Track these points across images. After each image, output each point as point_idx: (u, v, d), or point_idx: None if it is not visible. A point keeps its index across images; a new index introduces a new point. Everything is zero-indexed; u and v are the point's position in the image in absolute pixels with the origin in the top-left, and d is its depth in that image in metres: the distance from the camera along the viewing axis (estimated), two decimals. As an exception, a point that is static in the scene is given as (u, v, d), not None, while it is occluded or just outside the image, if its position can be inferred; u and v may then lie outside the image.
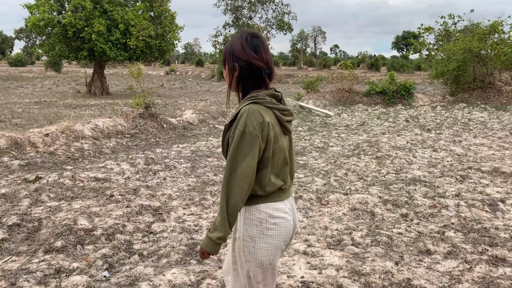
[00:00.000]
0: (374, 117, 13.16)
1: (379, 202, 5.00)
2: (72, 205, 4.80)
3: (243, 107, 1.78)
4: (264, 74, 1.84)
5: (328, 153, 7.82)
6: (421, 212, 4.73)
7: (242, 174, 1.73)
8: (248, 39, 1.85)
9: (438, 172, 6.42)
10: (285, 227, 1.89)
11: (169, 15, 21.12)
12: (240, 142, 1.73)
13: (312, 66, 66.92)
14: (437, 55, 17.49)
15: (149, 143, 8.48)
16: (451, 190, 5.49)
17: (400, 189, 5.58)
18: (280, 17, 37.50)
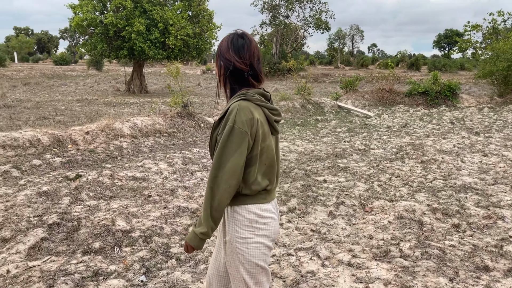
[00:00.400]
0: (417, 118, 12.65)
1: (428, 211, 4.69)
2: (111, 205, 4.78)
3: (233, 104, 1.78)
4: (247, 75, 1.84)
5: (369, 156, 7.51)
6: (474, 223, 4.39)
7: (230, 171, 1.73)
8: (234, 39, 1.86)
9: (491, 179, 6.01)
10: (274, 227, 1.91)
11: (207, 14, 21.19)
12: (229, 138, 1.73)
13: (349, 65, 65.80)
14: (485, 54, 16.63)
15: (186, 143, 8.46)
16: (506, 199, 5.10)
17: (449, 196, 5.23)
18: (317, 16, 36.98)
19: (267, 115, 1.84)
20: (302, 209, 4.75)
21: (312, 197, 5.05)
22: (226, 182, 1.74)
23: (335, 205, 4.87)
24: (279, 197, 5.07)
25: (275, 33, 37.25)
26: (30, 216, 4.32)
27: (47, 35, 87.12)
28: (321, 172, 6.35)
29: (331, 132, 10.18)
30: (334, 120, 12.18)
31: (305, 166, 6.68)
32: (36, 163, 6.24)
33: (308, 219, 4.49)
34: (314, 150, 7.94)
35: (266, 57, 35.55)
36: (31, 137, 6.82)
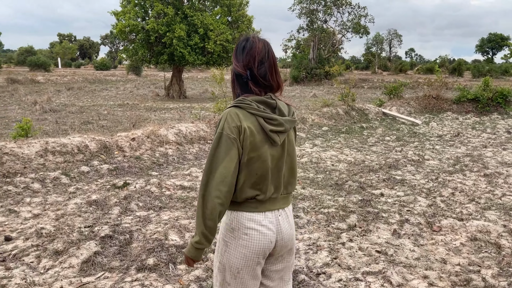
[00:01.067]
0: (468, 127, 11.98)
1: (504, 232, 4.25)
2: (161, 216, 4.61)
3: (225, 110, 1.78)
4: (245, 79, 1.79)
5: (425, 168, 7.06)
6: (560, 248, 3.92)
7: (220, 177, 1.70)
8: (239, 43, 1.84)
9: None
10: (258, 240, 1.81)
11: (246, 19, 21.13)
12: (218, 144, 1.73)
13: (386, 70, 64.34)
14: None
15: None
16: None
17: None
18: (356, 20, 36.30)
19: (262, 124, 1.76)
20: (363, 226, 4.41)
21: (372, 214, 4.70)
22: (216, 189, 1.70)
23: (399, 222, 4.51)
24: (336, 212, 4.75)
25: (312, 38, 36.84)
26: (81, 227, 4.21)
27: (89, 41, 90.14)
28: (377, 185, 5.98)
29: (380, 140, 9.74)
30: (380, 127, 11.70)
31: (358, 178, 6.33)
32: (85, 170, 6.19)
33: (371, 238, 4.15)
34: (365, 160, 7.56)
35: (303, 62, 35.16)
36: (79, 143, 6.80)
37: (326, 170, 6.88)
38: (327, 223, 4.49)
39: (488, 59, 70.97)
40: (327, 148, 8.68)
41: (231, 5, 20.41)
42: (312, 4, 36.09)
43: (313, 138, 9.90)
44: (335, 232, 4.26)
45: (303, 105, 16.44)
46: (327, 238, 4.14)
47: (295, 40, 40.70)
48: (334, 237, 4.16)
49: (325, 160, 7.51)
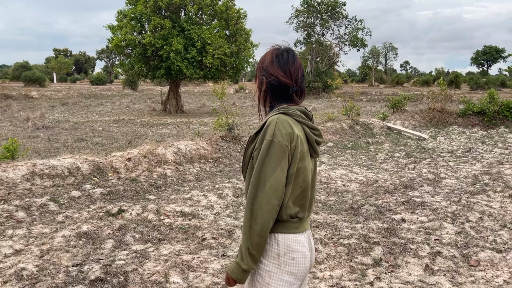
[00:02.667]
0: (477, 141, 11.54)
1: (552, 267, 3.74)
2: (160, 250, 4.08)
3: (271, 117, 1.67)
4: (292, 91, 1.76)
5: (443, 188, 6.57)
6: None
7: (272, 189, 1.58)
8: (279, 53, 1.77)
9: None
10: (303, 264, 1.70)
11: (244, 33, 20.79)
12: (269, 152, 1.60)
13: (382, 83, 64.35)
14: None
15: (233, 169, 7.75)
16: None
17: None
18: (353, 33, 36.19)
19: (308, 133, 1.72)
20: (390, 261, 3.89)
21: (399, 245, 4.19)
22: (268, 202, 1.57)
23: (430, 255, 3.99)
24: (357, 243, 4.23)
25: (309, 51, 36.65)
26: (69, 266, 3.67)
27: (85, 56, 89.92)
28: (396, 209, 5.47)
29: (389, 157, 9.26)
30: (387, 142, 11.24)
31: (374, 200, 5.82)
32: (75, 195, 5.65)
33: (401, 275, 3.63)
34: (378, 180, 7.06)
35: (301, 75, 34.88)
36: (70, 164, 6.27)
37: (338, 191, 6.38)
38: (349, 257, 3.97)
39: (483, 71, 71.21)
40: (335, 166, 8.19)
41: (229, 19, 20.09)
42: (309, 18, 35.99)
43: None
44: (360, 269, 3.74)
45: (304, 120, 15.96)
46: (351, 276, 3.61)
47: (292, 53, 40.49)
48: (359, 274, 3.63)
49: (335, 180, 7.00)
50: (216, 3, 20.16)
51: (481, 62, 74.28)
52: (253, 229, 1.58)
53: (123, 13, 19.65)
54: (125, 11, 19.64)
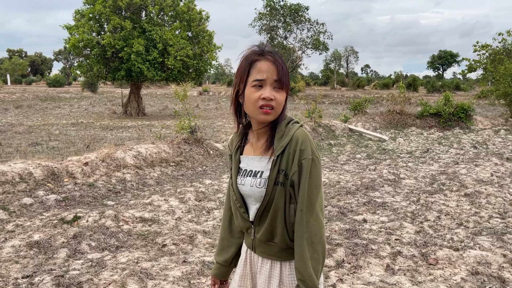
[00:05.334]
0: (434, 142, 11.93)
1: (506, 263, 3.87)
2: (118, 258, 3.91)
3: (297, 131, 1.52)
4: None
5: (403, 188, 6.71)
6: None
7: (321, 210, 1.52)
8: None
9: (554, 216, 5.21)
10: None
11: (207, 34, 20.63)
12: (313, 172, 1.49)
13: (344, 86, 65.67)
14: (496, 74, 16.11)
15: (196, 173, 7.61)
16: None
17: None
18: (316, 37, 36.74)
19: None
20: (352, 262, 3.90)
21: (361, 246, 4.21)
22: (322, 226, 1.51)
23: (391, 255, 4.03)
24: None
25: (273, 54, 36.86)
26: (18, 278, 3.44)
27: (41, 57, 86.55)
28: (357, 210, 5.53)
29: (351, 158, 9.40)
30: (348, 144, 11.42)
31: (336, 202, 5.86)
32: (27, 202, 5.35)
33: (363, 276, 3.64)
34: (340, 181, 7.13)
35: (264, 78, 35.06)
36: (22, 170, 5.95)
37: (301, 193, 6.38)
38: (312, 259, 3.94)
39: (439, 75, 74.15)
40: (298, 168, 8.21)
41: (191, 20, 19.88)
42: (272, 21, 36.22)
43: (282, 157, 9.42)
44: (323, 271, 3.71)
45: (267, 122, 16.00)
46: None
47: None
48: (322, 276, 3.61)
49: (298, 182, 7.01)
50: (178, 4, 19.91)
51: (437, 66, 77.36)
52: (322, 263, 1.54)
53: (81, 13, 19.06)
54: (83, 11, 19.06)
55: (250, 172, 1.60)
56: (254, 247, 1.66)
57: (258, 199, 1.57)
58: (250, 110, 1.53)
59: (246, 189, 1.60)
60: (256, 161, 1.59)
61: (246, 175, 1.61)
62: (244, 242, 1.74)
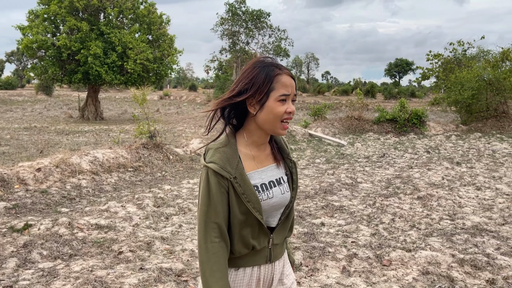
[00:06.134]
0: (390, 147, 12.34)
1: (454, 263, 4.05)
2: (71, 267, 3.78)
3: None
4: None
5: (360, 192, 6.89)
6: (509, 277, 3.78)
7: None
8: None
9: (498, 217, 5.52)
10: None
11: (167, 38, 20.43)
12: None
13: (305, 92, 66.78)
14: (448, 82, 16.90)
15: (155, 178, 7.49)
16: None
17: (466, 241, 4.65)
18: (277, 43, 37.18)
19: None
20: (310, 265, 3.96)
21: (319, 249, 4.28)
22: None
23: (347, 258, 4.13)
24: (279, 249, 4.25)
25: (234, 59, 36.99)
26: (-39, 290, 3.26)
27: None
28: (315, 213, 5.62)
29: (310, 163, 9.55)
30: (308, 149, 11.61)
31: (295, 206, 5.94)
32: (-27, 210, 5.08)
33: (320, 279, 3.71)
34: (299, 185, 7.23)
35: (226, 83, 35.08)
36: (-32, 176, 5.64)
37: (261, 198, 6.42)
38: (270, 263, 3.97)
39: (396, 82, 76.88)
40: (258, 173, 8.25)
41: (151, 23, 19.63)
42: (234, 26, 36.35)
43: (243, 162, 9.45)
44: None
45: (229, 127, 16.00)
46: (272, 282, 3.61)
47: (218, 61, 40.64)
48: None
49: (259, 187, 7.05)
50: (138, 7, 19.60)
51: (393, 74, 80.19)
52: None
53: (35, 13, 18.39)
54: (37, 11, 18.39)
55: (272, 182, 1.58)
56: (271, 257, 1.62)
57: (285, 204, 1.61)
58: (270, 123, 1.51)
59: (276, 200, 1.57)
60: (270, 171, 1.60)
61: (270, 187, 1.58)
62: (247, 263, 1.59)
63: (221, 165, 1.46)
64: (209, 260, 1.46)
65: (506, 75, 15.08)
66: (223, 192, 1.46)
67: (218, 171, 1.44)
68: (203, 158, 1.53)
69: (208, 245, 1.46)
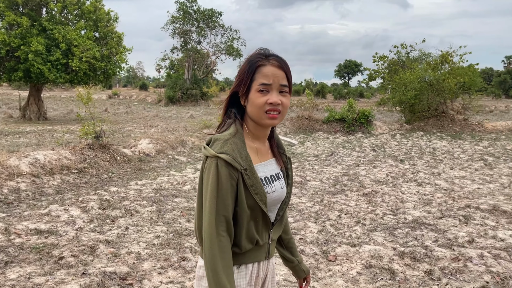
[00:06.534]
0: (339, 146, 12.69)
1: (395, 256, 4.22)
2: (7, 275, 3.57)
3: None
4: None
5: (308, 189, 7.03)
6: (446, 267, 4.00)
7: None
8: None
9: (437, 211, 5.82)
10: None
11: (115, 36, 19.81)
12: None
13: (258, 91, 67.02)
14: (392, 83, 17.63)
15: (101, 180, 7.24)
16: (461, 235, 4.87)
17: (407, 235, 4.87)
18: (229, 43, 37.13)
19: None
20: (258, 263, 3.98)
21: (266, 247, 4.31)
22: None
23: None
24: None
25: (186, 58, 36.53)
26: None
27: None
28: (265, 212, 5.66)
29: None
30: (260, 149, 11.68)
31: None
32: None
33: (268, 277, 3.73)
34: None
35: (178, 82, 34.58)
36: None
37: (211, 198, 6.38)
38: (219, 263, 3.96)
39: (345, 83, 79.20)
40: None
41: (98, 20, 18.96)
42: (185, 25, 35.89)
43: (194, 162, 9.35)
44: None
45: (181, 127, 15.82)
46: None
47: (169, 60, 39.97)
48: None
49: (209, 187, 7.00)
50: (84, 2, 18.88)
51: (343, 75, 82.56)
52: None
53: (-30, 6, 17.20)
54: (-27, 4, 17.22)
55: (273, 177, 1.59)
56: (270, 253, 1.64)
57: (282, 199, 1.62)
58: (255, 115, 1.50)
59: (277, 194, 1.58)
60: (270, 165, 1.60)
61: (273, 180, 1.58)
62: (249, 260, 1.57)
63: (233, 156, 1.42)
64: (221, 255, 1.41)
65: (445, 77, 15.96)
66: (232, 185, 1.43)
67: (231, 162, 1.41)
68: (208, 149, 1.46)
69: (219, 239, 1.41)
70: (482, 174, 8.47)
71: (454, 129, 16.43)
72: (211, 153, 1.43)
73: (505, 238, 4.79)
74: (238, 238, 1.49)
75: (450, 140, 14.03)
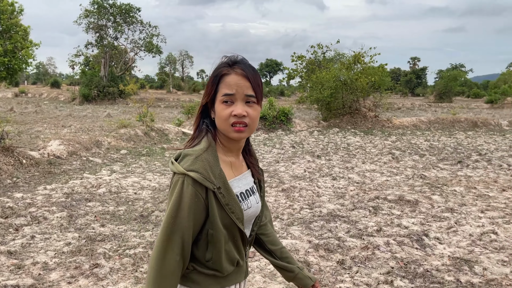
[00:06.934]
0: (260, 143, 12.91)
1: (310, 248, 4.39)
2: None
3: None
4: None
5: (229, 188, 7.06)
6: (356, 256, 4.25)
7: None
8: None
9: (349, 203, 6.16)
10: None
11: (21, 29, 18.32)
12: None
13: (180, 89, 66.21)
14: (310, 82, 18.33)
15: (3, 186, 6.64)
16: (370, 224, 5.20)
17: (322, 227, 5.09)
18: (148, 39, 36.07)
19: None
20: (176, 264, 3.91)
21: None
22: None
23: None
24: (144, 252, 4.12)
25: (102, 54, 34.83)
26: None
27: None
28: (185, 212, 5.58)
29: (182, 162, 9.47)
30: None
31: (165, 206, 5.82)
32: None
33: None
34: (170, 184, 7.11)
35: (94, 79, 32.86)
36: None
37: (129, 200, 6.15)
38: (135, 267, 3.83)
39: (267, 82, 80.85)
40: (127, 174, 7.90)
41: (1, 12, 17.39)
42: (100, 20, 34.19)
43: (111, 163, 8.94)
44: (145, 278, 3.64)
45: (97, 126, 15.06)
46: (136, 287, 3.48)
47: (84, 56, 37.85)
48: (144, 284, 3.53)
49: (127, 189, 6.74)
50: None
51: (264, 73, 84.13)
52: None
53: None
54: None
55: (248, 191, 1.48)
56: (247, 271, 1.56)
57: (256, 214, 1.52)
58: (222, 128, 1.38)
59: (253, 210, 1.47)
60: (245, 179, 1.49)
61: (248, 196, 1.47)
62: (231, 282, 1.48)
63: (204, 175, 1.30)
64: (163, 280, 1.29)
65: (358, 76, 16.94)
66: (198, 206, 1.30)
67: (201, 182, 1.28)
68: (175, 164, 1.33)
69: (167, 262, 1.29)
70: (390, 167, 9.12)
71: (367, 125, 17.51)
72: (179, 169, 1.31)
73: (408, 225, 5.20)
74: (219, 261, 1.39)
75: (363, 135, 14.93)
